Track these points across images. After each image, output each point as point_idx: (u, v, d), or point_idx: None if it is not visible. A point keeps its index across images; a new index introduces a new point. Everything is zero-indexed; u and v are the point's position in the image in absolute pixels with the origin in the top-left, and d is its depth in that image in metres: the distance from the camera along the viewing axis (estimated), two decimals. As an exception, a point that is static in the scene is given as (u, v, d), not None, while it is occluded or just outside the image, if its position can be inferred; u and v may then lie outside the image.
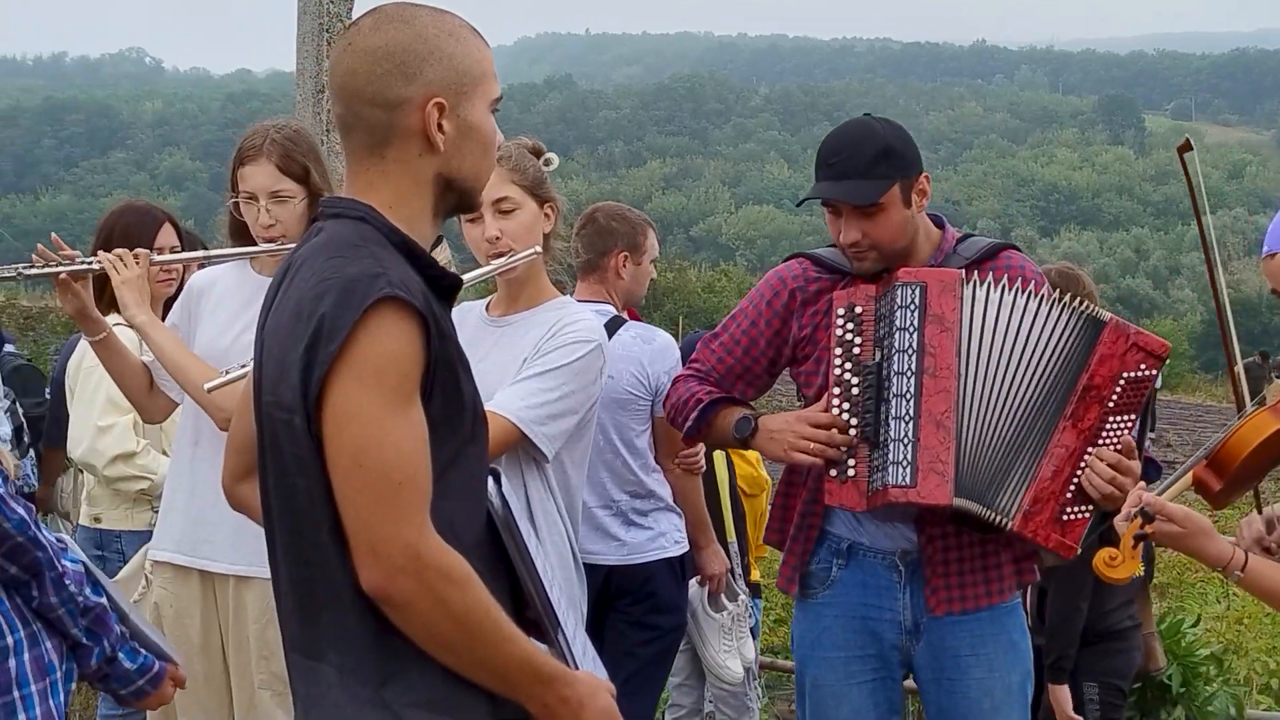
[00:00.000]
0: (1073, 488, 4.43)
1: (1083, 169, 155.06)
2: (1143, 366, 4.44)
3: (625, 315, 6.02)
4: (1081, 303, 4.49)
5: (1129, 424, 4.46)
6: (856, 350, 4.49)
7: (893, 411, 4.43)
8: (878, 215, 4.50)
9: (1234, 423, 4.19)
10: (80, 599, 3.74)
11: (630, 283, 6.03)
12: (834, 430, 4.47)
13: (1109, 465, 4.38)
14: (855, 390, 4.48)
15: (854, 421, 4.47)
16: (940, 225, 4.74)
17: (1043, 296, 4.46)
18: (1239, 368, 4.81)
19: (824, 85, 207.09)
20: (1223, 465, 4.15)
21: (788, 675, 9.40)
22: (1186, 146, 4.82)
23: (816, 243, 4.88)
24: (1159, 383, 36.57)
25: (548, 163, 4.70)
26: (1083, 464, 4.42)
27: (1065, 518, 4.43)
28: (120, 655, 3.87)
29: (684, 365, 5.02)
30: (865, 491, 4.45)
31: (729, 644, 6.50)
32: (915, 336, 4.42)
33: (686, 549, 6.01)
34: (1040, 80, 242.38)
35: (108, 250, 4.94)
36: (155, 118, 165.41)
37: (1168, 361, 4.62)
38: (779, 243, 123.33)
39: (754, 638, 7.59)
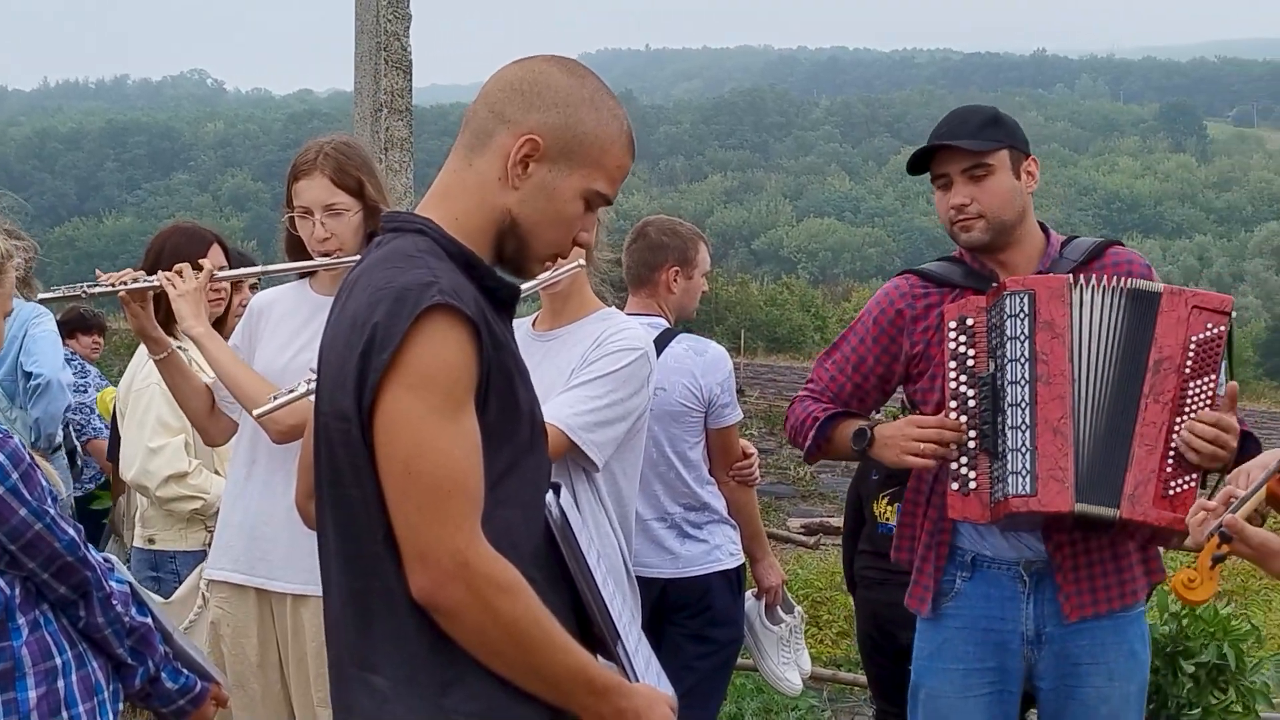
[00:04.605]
0: (1171, 461, 4.37)
1: (1145, 177, 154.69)
2: (1210, 325, 4.40)
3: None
4: (1128, 279, 4.46)
5: (1210, 386, 4.40)
6: (970, 362, 4.48)
7: (1009, 421, 4.42)
8: (986, 179, 4.53)
9: None
10: (126, 619, 3.76)
11: (682, 296, 6.01)
12: (943, 430, 4.46)
13: (1208, 425, 4.32)
14: (971, 402, 4.47)
15: (972, 434, 4.47)
16: (1045, 231, 4.73)
17: (1114, 287, 4.44)
18: None
19: (884, 97, 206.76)
20: None
21: (850, 688, 9.41)
22: None
23: (879, 255, 4.88)
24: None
25: None
26: (1174, 435, 4.37)
27: (1171, 492, 4.37)
28: (163, 675, 3.88)
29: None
30: (988, 503, 4.44)
31: (787, 656, 6.47)
32: (1027, 345, 4.41)
33: (742, 561, 6.00)
34: (1101, 89, 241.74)
35: (157, 270, 4.98)
36: (217, 139, 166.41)
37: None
38: (841, 255, 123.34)
39: None
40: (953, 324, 4.51)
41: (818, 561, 13.73)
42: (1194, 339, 4.40)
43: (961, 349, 4.49)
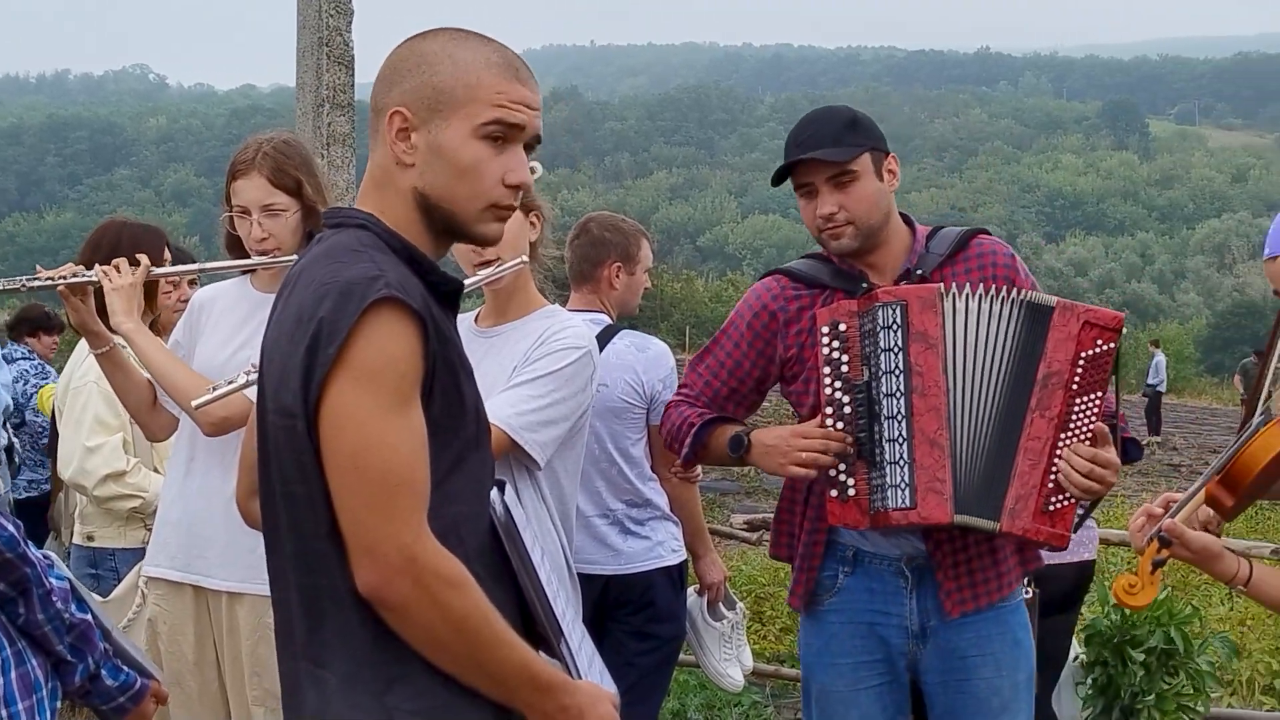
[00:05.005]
0: (1053, 477, 4.39)
1: (1087, 174, 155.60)
2: (1099, 342, 4.39)
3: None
4: (1022, 292, 4.46)
5: (1097, 402, 4.41)
6: (845, 368, 4.46)
7: (886, 433, 4.41)
8: (851, 185, 4.51)
9: (1244, 436, 4.10)
10: (66, 615, 3.73)
11: (624, 293, 5.99)
12: (828, 441, 4.43)
13: (1084, 459, 4.34)
14: (847, 409, 4.44)
15: (849, 440, 4.45)
16: (910, 224, 4.73)
17: (997, 296, 4.43)
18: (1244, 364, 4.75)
19: (829, 93, 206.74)
20: (1235, 482, 4.07)
21: (793, 684, 9.42)
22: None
23: (828, 251, 4.85)
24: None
25: (531, 171, 4.69)
26: (1059, 452, 4.39)
27: (1051, 508, 4.39)
28: (103, 672, 3.85)
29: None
30: (867, 510, 4.43)
31: (729, 652, 6.47)
32: (901, 357, 4.39)
33: (684, 558, 6.00)
34: (1044, 86, 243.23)
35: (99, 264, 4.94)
36: (159, 134, 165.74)
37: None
38: (785, 252, 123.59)
39: None
40: (825, 329, 4.49)
41: (760, 558, 13.70)
42: (1083, 355, 4.40)
43: (835, 354, 4.47)
